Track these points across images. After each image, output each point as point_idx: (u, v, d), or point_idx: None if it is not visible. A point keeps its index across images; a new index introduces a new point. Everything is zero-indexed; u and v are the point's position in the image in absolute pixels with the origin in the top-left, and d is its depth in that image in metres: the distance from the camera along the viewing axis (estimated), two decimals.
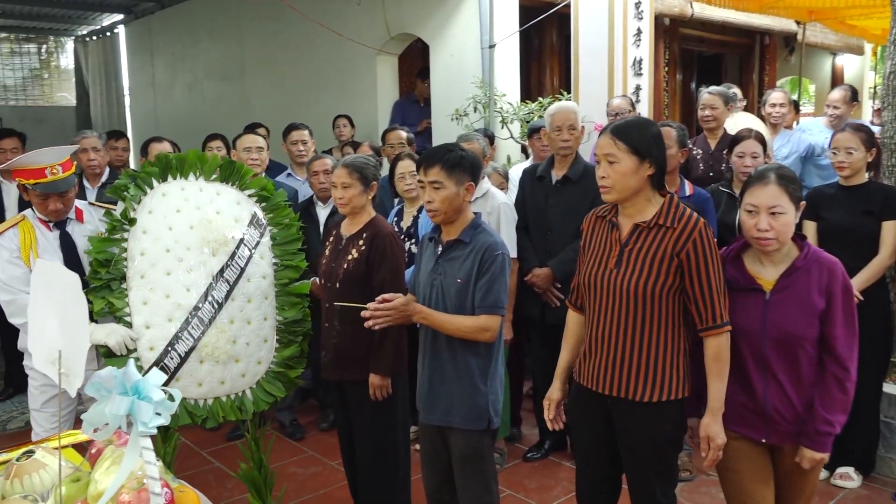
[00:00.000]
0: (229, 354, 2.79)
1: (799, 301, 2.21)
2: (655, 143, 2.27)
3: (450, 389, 2.57)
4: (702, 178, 4.28)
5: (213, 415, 2.78)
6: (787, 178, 2.23)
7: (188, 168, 2.97)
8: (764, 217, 2.20)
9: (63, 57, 13.24)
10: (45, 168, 2.80)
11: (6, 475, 1.65)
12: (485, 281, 2.49)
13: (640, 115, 2.47)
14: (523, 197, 3.92)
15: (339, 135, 6.08)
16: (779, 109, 4.94)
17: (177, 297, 2.75)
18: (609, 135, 2.28)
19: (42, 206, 2.89)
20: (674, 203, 2.29)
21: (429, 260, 2.65)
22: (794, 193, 2.22)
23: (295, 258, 3.05)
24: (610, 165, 2.26)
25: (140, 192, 2.87)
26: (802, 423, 2.24)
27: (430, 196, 2.53)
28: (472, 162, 2.57)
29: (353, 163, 3.01)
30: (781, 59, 9.55)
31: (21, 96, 12.80)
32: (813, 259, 2.24)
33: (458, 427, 2.58)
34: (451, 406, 2.57)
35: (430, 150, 2.63)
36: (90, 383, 1.26)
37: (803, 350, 2.22)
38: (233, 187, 3.04)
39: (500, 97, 5.76)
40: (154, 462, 1.21)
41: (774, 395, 2.25)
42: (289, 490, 3.70)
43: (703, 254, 2.21)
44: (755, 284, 2.27)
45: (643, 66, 5.34)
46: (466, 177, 2.53)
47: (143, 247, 2.79)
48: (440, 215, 2.55)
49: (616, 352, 2.31)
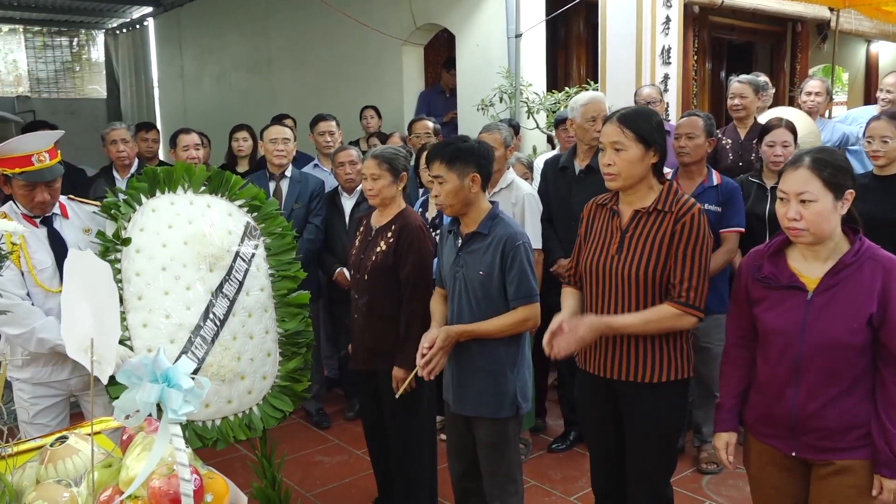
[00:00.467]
0: (234, 372, 2.71)
1: (847, 303, 1.95)
2: (659, 132, 2.30)
3: (478, 379, 2.58)
4: (730, 168, 4.22)
5: (223, 436, 2.70)
6: (823, 163, 1.96)
7: (176, 181, 2.85)
8: (794, 205, 1.97)
9: (94, 50, 13.42)
10: (31, 155, 2.58)
11: (40, 460, 1.69)
12: (514, 273, 2.50)
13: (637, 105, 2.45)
14: (546, 188, 3.91)
15: (366, 126, 6.09)
16: (814, 98, 4.85)
17: (177, 317, 2.65)
18: (616, 123, 2.29)
19: (27, 198, 2.64)
20: (672, 189, 2.33)
21: (450, 252, 2.66)
22: (832, 179, 1.95)
23: (291, 268, 2.94)
24: (616, 153, 2.28)
25: (130, 210, 2.74)
26: (842, 439, 1.99)
27: (436, 190, 2.55)
28: (477, 152, 2.54)
29: (382, 154, 3.01)
30: (814, 46, 9.36)
31: (53, 89, 13.01)
32: (867, 256, 1.97)
33: (487, 416, 2.59)
34: (481, 396, 2.58)
35: (431, 146, 2.65)
36: (122, 371, 1.28)
37: (847, 359, 1.96)
38: (223, 198, 2.93)
39: (527, 87, 5.72)
40: (184, 449, 1.23)
41: (806, 406, 2.01)
42: (315, 478, 3.74)
43: (690, 234, 2.24)
44: (797, 282, 2.02)
45: (672, 55, 5.28)
46: (470, 168, 2.51)
47: (137, 267, 2.66)
48: (448, 208, 2.57)
49: (620, 337, 2.34)
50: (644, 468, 2.41)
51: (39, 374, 2.72)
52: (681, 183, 3.60)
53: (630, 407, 2.39)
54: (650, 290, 2.29)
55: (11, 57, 12.75)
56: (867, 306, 1.93)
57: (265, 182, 4.09)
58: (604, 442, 2.51)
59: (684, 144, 3.50)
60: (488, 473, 2.64)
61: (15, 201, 2.69)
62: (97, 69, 13.27)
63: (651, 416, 2.35)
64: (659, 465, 2.41)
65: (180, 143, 4.45)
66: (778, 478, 2.13)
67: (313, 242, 4.09)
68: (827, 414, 1.99)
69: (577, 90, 5.16)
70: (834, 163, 1.98)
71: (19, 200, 2.67)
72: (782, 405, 2.05)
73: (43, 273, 2.65)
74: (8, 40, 12.67)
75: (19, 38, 12.64)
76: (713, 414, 3.63)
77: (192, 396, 1.29)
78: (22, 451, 1.89)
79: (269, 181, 4.14)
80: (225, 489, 1.48)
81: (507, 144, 3.72)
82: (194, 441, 2.61)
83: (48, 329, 2.59)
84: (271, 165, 4.17)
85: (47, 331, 2.59)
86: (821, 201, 1.95)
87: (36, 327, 2.58)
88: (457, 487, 2.78)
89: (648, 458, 2.39)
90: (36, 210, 2.69)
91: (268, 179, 4.14)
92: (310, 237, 4.07)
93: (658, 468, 2.41)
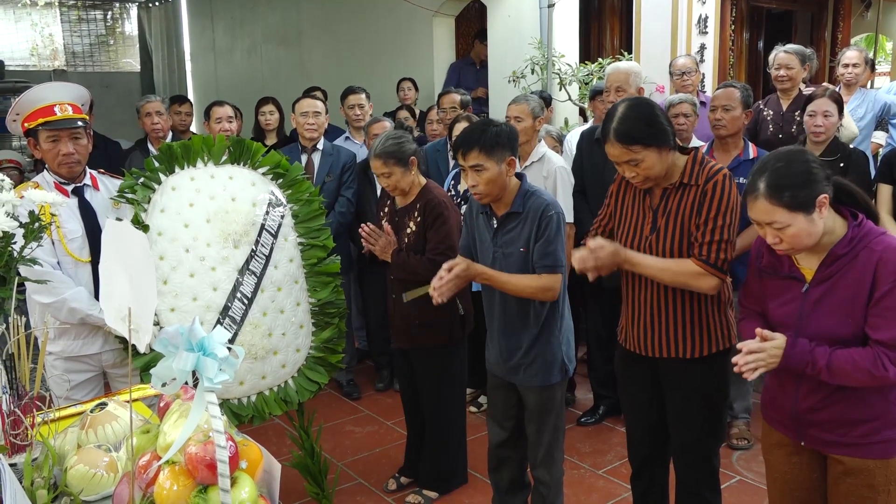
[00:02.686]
0: (267, 349, 2.70)
1: (841, 296, 1.86)
2: (659, 126, 2.20)
3: (526, 346, 2.57)
4: (770, 141, 4.12)
5: (259, 411, 2.70)
6: (778, 188, 1.81)
7: (195, 155, 2.78)
8: (769, 231, 1.87)
9: (128, 23, 13.50)
10: (53, 105, 2.58)
11: (81, 425, 1.74)
12: (542, 242, 2.48)
13: (626, 100, 2.32)
14: (581, 159, 3.86)
15: (403, 98, 6.07)
16: (852, 70, 4.70)
17: (204, 299, 2.62)
18: (616, 144, 2.20)
19: (53, 152, 2.61)
20: (698, 160, 2.28)
21: (485, 234, 2.62)
22: (794, 201, 1.80)
23: (320, 235, 2.87)
24: (635, 166, 2.22)
25: (148, 191, 2.69)
26: (848, 433, 1.92)
27: (474, 179, 2.48)
28: (509, 135, 2.51)
29: (384, 152, 2.97)
30: (857, 15, 9.05)
31: (88, 62, 13.13)
32: (862, 245, 1.84)
33: (537, 385, 2.60)
34: (530, 364, 2.58)
35: (464, 134, 2.52)
36: (158, 340, 1.30)
37: None
38: (245, 167, 2.85)
39: (559, 58, 5.64)
40: (219, 416, 1.25)
41: (806, 400, 1.96)
42: (346, 447, 3.80)
43: (714, 195, 2.20)
44: (796, 273, 1.95)
45: (708, 25, 5.15)
46: (507, 152, 2.48)
47: (160, 250, 2.62)
48: (487, 197, 2.52)
49: (660, 315, 2.32)
50: (691, 440, 2.39)
51: (71, 348, 2.72)
52: (716, 156, 3.53)
53: (673, 382, 2.38)
54: None
55: (48, 31, 12.88)
56: (861, 299, 1.83)
57: (297, 155, 4.10)
58: (645, 418, 2.49)
59: (720, 117, 3.43)
60: (534, 441, 2.67)
61: (47, 169, 2.70)
62: (130, 43, 13.36)
63: (696, 391, 2.33)
64: (707, 437, 2.39)
65: (213, 115, 4.48)
66: (785, 462, 2.08)
67: (345, 215, 4.11)
68: (828, 408, 1.92)
69: (611, 61, 5.07)
70: (791, 182, 1.81)
71: (46, 158, 2.65)
72: (785, 397, 2.01)
73: (73, 242, 2.66)
74: (44, 14, 12.79)
75: (55, 13, 12.76)
76: (743, 389, 3.63)
77: (227, 365, 1.30)
78: (63, 416, 1.94)
79: (301, 154, 4.15)
80: (259, 457, 1.50)
81: (537, 115, 3.68)
82: (231, 419, 2.59)
83: (79, 299, 2.62)
84: (303, 139, 4.18)
85: (78, 300, 2.62)
86: (793, 224, 1.82)
87: (67, 297, 2.60)
88: (493, 455, 2.80)
89: (695, 430, 2.37)
90: (63, 169, 2.65)
91: (300, 152, 4.16)
92: (341, 210, 4.08)
93: (706, 440, 2.39)
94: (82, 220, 2.70)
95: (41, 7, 12.63)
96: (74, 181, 2.72)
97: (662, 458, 2.54)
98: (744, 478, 3.35)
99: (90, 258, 2.68)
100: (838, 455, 1.95)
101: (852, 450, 1.92)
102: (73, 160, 2.65)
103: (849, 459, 1.93)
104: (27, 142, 2.70)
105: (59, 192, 2.64)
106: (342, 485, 3.18)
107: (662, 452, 2.53)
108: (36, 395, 1.81)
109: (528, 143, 3.69)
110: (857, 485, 1.92)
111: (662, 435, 2.48)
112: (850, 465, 1.93)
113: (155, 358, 2.32)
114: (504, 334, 2.62)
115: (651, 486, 2.58)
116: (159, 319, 2.59)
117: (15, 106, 2.63)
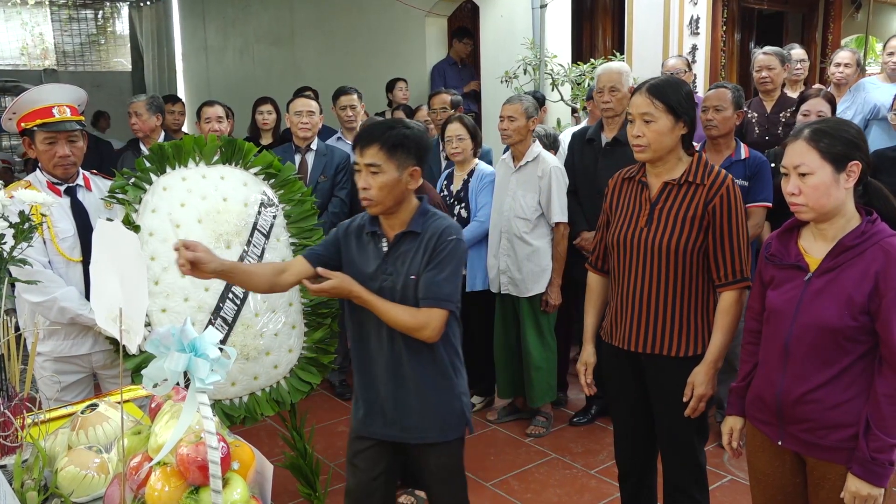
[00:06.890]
0: (259, 349, 2.67)
1: (843, 288, 1.83)
2: (689, 103, 2.28)
3: (421, 393, 2.18)
4: (757, 143, 4.13)
5: (251, 412, 2.68)
6: (822, 133, 1.84)
7: (186, 155, 2.76)
8: (793, 178, 1.86)
9: (119, 22, 13.45)
10: (52, 107, 2.58)
11: (72, 426, 1.73)
12: (433, 269, 2.10)
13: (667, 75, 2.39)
14: (573, 160, 3.88)
15: (403, 98, 6.06)
16: (843, 70, 4.72)
17: (196, 300, 2.60)
18: (645, 94, 2.26)
19: (49, 154, 2.62)
20: (702, 161, 2.31)
21: (370, 259, 2.19)
22: (830, 149, 1.81)
23: (313, 235, 2.84)
24: (646, 125, 2.25)
25: (139, 192, 2.67)
26: (826, 436, 1.88)
27: (366, 182, 2.10)
28: (418, 142, 2.14)
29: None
30: (847, 16, 9.10)
31: (79, 62, 13.07)
32: (873, 240, 1.82)
33: (436, 440, 2.22)
34: (425, 415, 2.19)
35: (366, 127, 2.19)
36: (149, 340, 1.30)
37: (835, 344, 1.85)
38: (237, 168, 2.83)
39: (551, 59, 5.65)
40: (211, 417, 1.25)
41: (792, 391, 1.91)
42: (338, 448, 3.79)
43: (730, 208, 2.23)
44: (801, 262, 1.92)
45: (700, 25, 5.17)
46: (411, 160, 2.11)
47: (152, 251, 2.60)
48: (377, 206, 2.12)
49: (648, 310, 2.33)
50: (676, 440, 2.39)
51: (60, 348, 2.71)
52: (708, 156, 3.54)
53: (658, 381, 2.37)
54: (679, 263, 2.27)
55: (38, 30, 12.81)
56: (861, 293, 1.81)
57: (291, 155, 4.10)
58: (630, 416, 2.49)
59: (712, 117, 3.44)
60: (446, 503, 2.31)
61: (40, 168, 2.70)
62: (122, 42, 13.31)
63: (680, 388, 2.32)
64: (691, 436, 2.38)
65: (203, 115, 4.45)
66: (767, 464, 2.05)
67: (338, 216, 4.09)
68: (811, 402, 1.88)
69: (603, 61, 5.08)
70: (835, 133, 1.84)
71: (41, 158, 2.66)
72: (770, 389, 1.97)
73: (64, 242, 2.66)
74: (34, 13, 12.72)
75: (45, 12, 12.69)
76: None
77: (219, 366, 1.30)
78: (54, 417, 1.94)
79: (295, 154, 4.14)
80: (251, 457, 1.50)
81: (530, 115, 3.69)
82: (223, 420, 2.56)
83: (69, 298, 2.61)
84: (296, 138, 4.17)
85: (68, 300, 2.61)
86: (818, 174, 1.82)
87: (57, 296, 2.59)
88: None
89: (680, 430, 2.37)
90: (58, 170, 2.67)
91: (293, 152, 4.15)
92: (335, 210, 4.08)
93: (691, 439, 2.39)
94: (74, 220, 2.71)
95: (31, 6, 12.56)
96: (68, 181, 2.73)
97: (650, 458, 2.54)
98: (735, 477, 3.36)
99: (81, 258, 2.68)
100: (817, 459, 1.92)
101: (830, 454, 1.89)
102: (68, 162, 2.67)
103: (827, 465, 1.91)
104: (22, 141, 2.70)
105: (52, 191, 2.66)
106: (334, 485, 3.17)
107: (650, 453, 2.53)
108: (26, 396, 1.80)
109: (522, 142, 3.71)
110: (837, 491, 1.89)
111: (650, 435, 2.48)
112: (827, 472, 1.91)
113: (146, 359, 2.31)
114: (390, 366, 2.21)
115: (640, 487, 2.58)
116: (150, 320, 2.57)
117: (13, 105, 2.64)
